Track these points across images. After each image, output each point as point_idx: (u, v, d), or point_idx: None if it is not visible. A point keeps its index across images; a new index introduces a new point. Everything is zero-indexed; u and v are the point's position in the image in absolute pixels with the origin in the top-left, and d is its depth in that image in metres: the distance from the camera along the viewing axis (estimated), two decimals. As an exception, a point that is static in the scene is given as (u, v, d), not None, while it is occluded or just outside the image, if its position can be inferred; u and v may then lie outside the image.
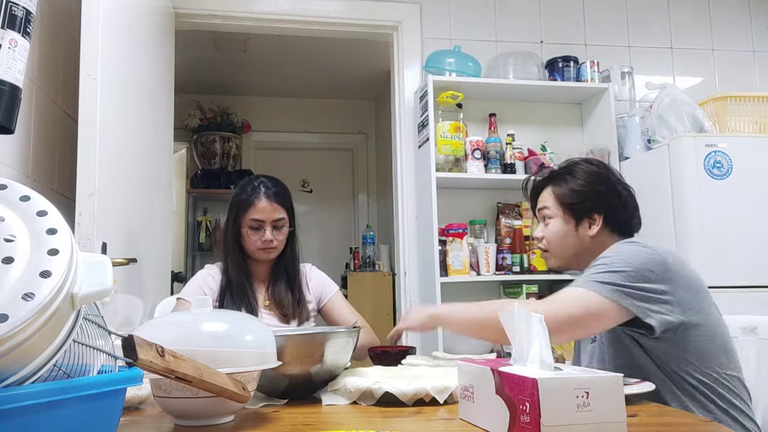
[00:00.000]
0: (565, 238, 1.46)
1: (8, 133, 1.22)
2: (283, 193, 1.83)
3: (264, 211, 1.76)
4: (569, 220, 1.45)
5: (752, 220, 2.45)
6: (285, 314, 1.78)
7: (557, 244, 1.48)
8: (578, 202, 1.44)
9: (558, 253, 1.49)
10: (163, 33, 2.55)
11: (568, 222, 1.45)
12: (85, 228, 1.68)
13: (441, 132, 2.64)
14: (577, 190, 1.45)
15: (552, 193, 1.49)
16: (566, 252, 1.48)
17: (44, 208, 0.64)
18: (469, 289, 2.76)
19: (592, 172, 1.47)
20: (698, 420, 0.96)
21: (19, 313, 0.54)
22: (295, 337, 1.14)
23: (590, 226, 1.44)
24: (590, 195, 1.44)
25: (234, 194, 1.85)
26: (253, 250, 1.78)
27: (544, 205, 1.50)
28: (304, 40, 3.39)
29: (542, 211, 1.50)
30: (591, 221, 1.44)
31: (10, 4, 1.17)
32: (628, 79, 2.97)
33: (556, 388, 0.76)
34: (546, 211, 1.49)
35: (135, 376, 0.67)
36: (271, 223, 1.76)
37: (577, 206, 1.44)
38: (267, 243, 1.75)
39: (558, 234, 1.47)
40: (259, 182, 1.81)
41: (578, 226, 1.45)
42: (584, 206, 1.44)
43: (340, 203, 5.22)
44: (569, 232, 1.46)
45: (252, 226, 1.76)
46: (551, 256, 1.51)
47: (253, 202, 1.76)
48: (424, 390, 1.04)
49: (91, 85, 1.72)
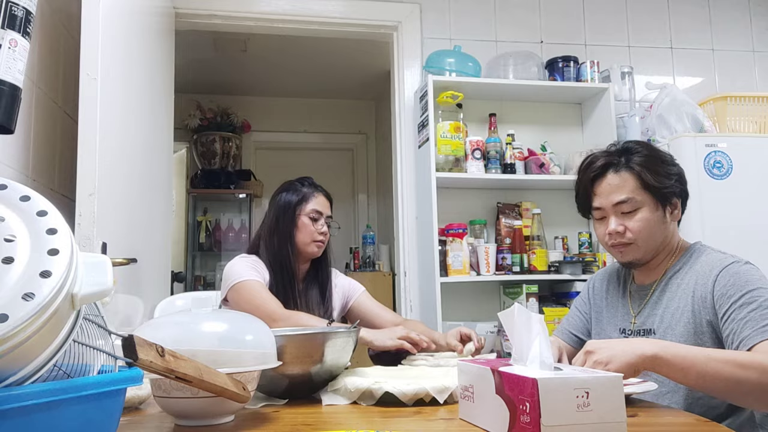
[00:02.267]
0: (657, 227, 1.32)
1: (8, 133, 1.22)
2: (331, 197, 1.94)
3: (324, 204, 1.87)
4: (658, 206, 1.32)
5: (752, 220, 2.45)
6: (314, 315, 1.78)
7: (647, 235, 1.32)
8: (663, 186, 1.31)
9: (647, 245, 1.33)
10: (163, 33, 2.55)
11: (657, 209, 1.32)
12: (85, 228, 1.68)
13: (441, 132, 2.64)
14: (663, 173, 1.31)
15: (634, 177, 1.32)
16: (654, 243, 1.33)
17: (44, 208, 0.64)
18: (469, 290, 2.77)
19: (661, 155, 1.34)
20: (698, 420, 0.96)
21: (19, 313, 0.54)
22: (295, 337, 1.14)
23: (672, 212, 1.34)
24: (676, 177, 1.33)
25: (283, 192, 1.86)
26: (307, 243, 1.81)
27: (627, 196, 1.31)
28: (304, 40, 3.38)
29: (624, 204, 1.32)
30: (673, 207, 1.33)
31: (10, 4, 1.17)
32: (628, 79, 2.97)
33: (556, 388, 0.76)
34: (631, 201, 1.31)
35: (135, 376, 0.67)
36: (326, 217, 1.86)
37: (664, 191, 1.31)
38: (323, 234, 1.83)
39: (650, 224, 1.31)
40: (310, 182, 1.91)
41: (665, 213, 1.33)
42: (669, 191, 1.32)
43: (340, 203, 5.21)
44: (659, 221, 1.32)
45: (313, 216, 1.82)
46: (634, 250, 1.34)
47: (315, 194, 1.86)
48: (424, 390, 1.04)
49: (91, 85, 1.72)
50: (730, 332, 1.17)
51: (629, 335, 1.38)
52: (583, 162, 1.42)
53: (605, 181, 1.35)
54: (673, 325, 1.28)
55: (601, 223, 1.38)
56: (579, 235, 2.84)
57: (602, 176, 1.35)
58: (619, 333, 1.41)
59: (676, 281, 1.33)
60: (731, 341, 1.17)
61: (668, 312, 1.31)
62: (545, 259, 2.71)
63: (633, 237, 1.32)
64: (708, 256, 1.31)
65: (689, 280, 1.30)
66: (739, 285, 1.20)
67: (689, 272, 1.31)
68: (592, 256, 2.77)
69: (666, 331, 1.29)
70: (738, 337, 1.15)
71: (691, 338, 1.24)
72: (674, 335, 1.27)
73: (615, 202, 1.33)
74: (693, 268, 1.31)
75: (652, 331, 1.32)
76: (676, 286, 1.32)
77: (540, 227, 2.74)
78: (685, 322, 1.26)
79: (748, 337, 1.14)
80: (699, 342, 1.23)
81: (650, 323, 1.34)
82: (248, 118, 4.78)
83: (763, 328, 1.13)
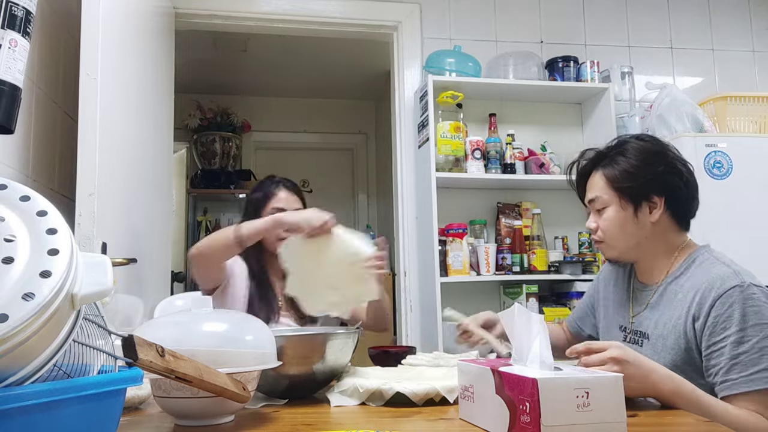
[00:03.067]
0: (624, 226, 1.32)
1: (8, 133, 1.22)
2: (299, 190, 1.90)
3: (286, 200, 1.82)
4: (626, 205, 1.31)
5: (752, 220, 2.45)
6: (302, 316, 1.77)
7: (615, 234, 1.34)
8: (634, 185, 1.30)
9: (616, 244, 1.35)
10: (163, 33, 2.55)
11: (625, 208, 1.31)
12: (85, 228, 1.68)
13: (441, 132, 2.64)
14: (631, 170, 1.30)
15: (603, 176, 1.34)
16: (626, 242, 1.34)
17: (44, 208, 0.64)
18: (469, 290, 2.76)
19: (646, 149, 1.33)
20: (698, 420, 0.96)
21: (19, 313, 0.54)
22: (295, 338, 1.14)
23: (651, 211, 1.31)
24: (647, 175, 1.30)
25: (250, 193, 1.89)
26: (273, 242, 1.76)
27: (595, 195, 1.35)
28: (304, 40, 3.39)
29: (594, 202, 1.36)
30: (651, 205, 1.31)
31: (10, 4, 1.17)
32: (628, 79, 2.97)
33: (556, 388, 0.76)
34: (599, 199, 1.34)
35: (135, 376, 0.67)
36: None
37: (633, 189, 1.30)
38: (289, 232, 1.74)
39: (615, 223, 1.33)
40: (276, 179, 1.88)
41: (637, 211, 1.31)
42: (642, 188, 1.30)
43: (340, 203, 5.21)
44: (628, 220, 1.31)
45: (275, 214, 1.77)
46: (608, 248, 1.36)
47: (275, 192, 1.83)
48: (435, 390, 1.04)
49: (91, 85, 1.72)
50: (716, 366, 1.15)
51: (628, 334, 1.37)
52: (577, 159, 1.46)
53: (590, 180, 1.39)
54: (666, 335, 1.25)
55: None
56: (579, 235, 2.84)
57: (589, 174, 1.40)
58: (619, 330, 1.40)
59: (675, 288, 1.29)
60: (713, 374, 1.15)
61: (662, 319, 1.28)
62: (545, 259, 2.71)
63: (602, 235, 1.36)
64: (712, 268, 1.25)
65: (688, 291, 1.25)
66: (736, 318, 1.14)
67: (689, 282, 1.27)
68: (592, 256, 2.77)
69: (658, 339, 1.27)
70: (723, 377, 1.13)
71: (681, 353, 1.21)
72: (665, 346, 1.25)
73: (588, 200, 1.39)
74: (694, 278, 1.26)
75: (646, 335, 1.31)
76: (674, 293, 1.28)
77: (540, 227, 2.74)
78: (676, 336, 1.23)
79: (734, 382, 1.12)
80: (689, 358, 1.21)
81: (645, 326, 1.32)
82: (248, 118, 4.78)
83: (750, 377, 1.10)
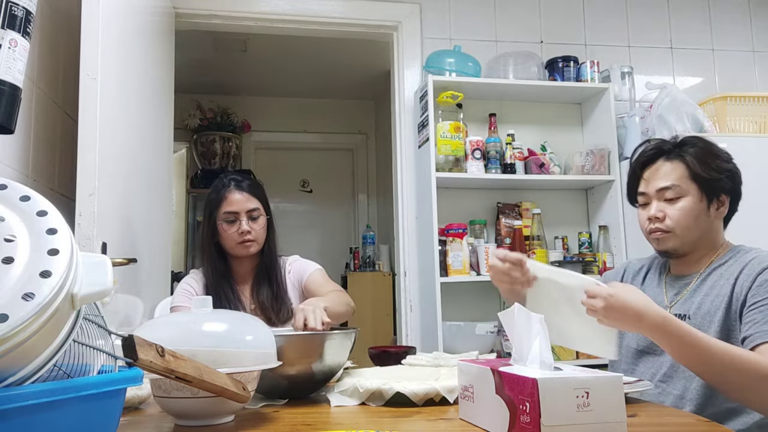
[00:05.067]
0: (698, 218, 1.32)
1: (8, 133, 1.22)
2: (254, 184, 1.82)
3: (237, 202, 1.74)
4: (703, 198, 1.32)
5: (752, 220, 2.44)
6: (269, 317, 1.74)
7: (687, 224, 1.32)
8: (714, 179, 1.31)
9: (684, 234, 1.32)
10: (163, 33, 2.55)
11: (702, 200, 1.32)
12: (85, 228, 1.68)
13: (441, 132, 2.64)
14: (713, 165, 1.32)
15: (682, 165, 1.33)
16: (693, 234, 1.33)
17: (44, 208, 0.64)
18: (469, 290, 2.76)
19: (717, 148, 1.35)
20: (698, 420, 0.96)
21: (19, 313, 0.54)
22: (293, 338, 1.14)
23: (718, 207, 1.33)
24: (723, 172, 1.32)
25: (207, 196, 1.85)
26: (233, 246, 1.75)
27: (672, 183, 1.33)
28: (304, 40, 3.38)
29: (668, 191, 1.33)
30: (719, 203, 1.33)
31: (10, 4, 1.17)
32: (628, 79, 2.97)
33: (556, 388, 0.76)
34: (675, 188, 1.32)
35: (135, 376, 0.67)
36: (245, 213, 1.74)
37: (712, 183, 1.31)
38: (244, 234, 1.72)
39: (690, 213, 1.31)
40: (229, 179, 1.81)
41: (710, 206, 1.32)
42: (718, 185, 1.32)
43: (340, 203, 5.21)
44: (702, 212, 1.32)
45: (227, 219, 1.73)
46: (672, 237, 1.33)
47: (225, 195, 1.76)
48: (435, 390, 1.04)
49: (91, 85, 1.72)
50: (753, 320, 1.19)
51: None
52: (636, 148, 1.44)
53: (654, 167, 1.36)
54: (712, 312, 1.27)
55: (644, 209, 1.39)
56: (579, 235, 2.84)
57: (652, 162, 1.38)
58: None
59: (719, 272, 1.32)
60: (749, 326, 1.19)
61: (707, 300, 1.30)
62: (545, 259, 2.70)
63: (671, 225, 1.32)
64: (760, 252, 1.31)
65: (734, 270, 1.29)
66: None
67: (734, 264, 1.31)
68: (592, 256, 2.77)
69: (704, 318, 1.28)
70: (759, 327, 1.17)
71: (723, 324, 1.25)
72: (711, 322, 1.27)
73: (659, 187, 1.34)
74: (740, 260, 1.31)
75: (686, 316, 1.31)
76: (719, 276, 1.32)
77: (540, 227, 2.74)
78: (723, 310, 1.26)
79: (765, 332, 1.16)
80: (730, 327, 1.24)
81: (686, 309, 1.33)
82: (248, 118, 4.78)
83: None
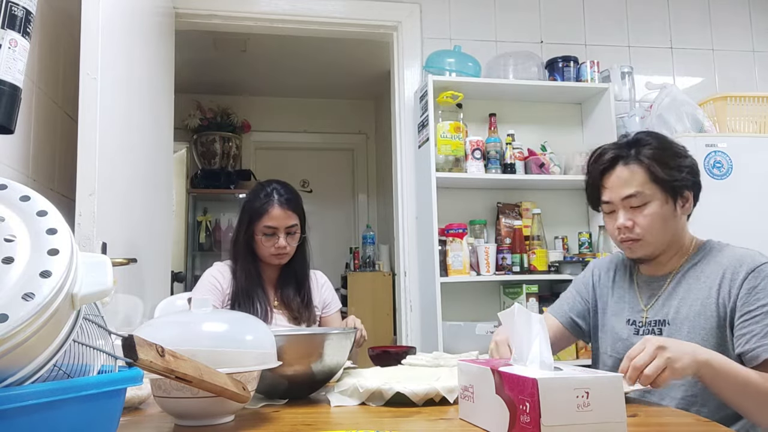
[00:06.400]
0: (667, 221, 1.28)
1: (8, 133, 1.22)
2: (296, 200, 1.84)
3: (278, 218, 1.77)
4: (668, 200, 1.28)
5: (752, 220, 2.45)
6: (295, 316, 1.81)
7: (658, 229, 1.29)
8: (674, 178, 1.27)
9: (655, 240, 1.30)
10: (163, 33, 2.55)
11: (667, 202, 1.28)
12: (85, 228, 1.68)
13: (441, 132, 2.64)
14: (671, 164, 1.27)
15: (641, 170, 1.28)
16: (664, 238, 1.30)
17: (44, 208, 0.64)
18: (469, 290, 2.76)
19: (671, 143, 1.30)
20: (698, 420, 0.96)
21: (19, 313, 0.54)
22: (293, 338, 1.14)
23: (684, 204, 1.30)
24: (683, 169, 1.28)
25: (246, 200, 1.86)
26: (266, 256, 1.81)
27: (635, 190, 1.28)
28: (304, 40, 3.38)
29: (633, 198, 1.29)
30: (683, 200, 1.29)
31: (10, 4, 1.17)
32: (628, 79, 2.97)
33: (556, 388, 0.76)
34: (640, 195, 1.28)
35: (135, 376, 0.67)
36: (284, 229, 1.78)
37: (674, 182, 1.27)
38: (280, 249, 1.78)
39: (659, 218, 1.28)
40: (272, 189, 1.82)
41: (676, 205, 1.28)
42: (680, 182, 1.27)
43: (340, 203, 5.21)
44: (669, 215, 1.28)
45: (266, 233, 1.78)
46: (645, 245, 1.31)
47: (267, 209, 1.78)
48: (435, 390, 1.05)
49: (91, 85, 1.72)
50: (750, 332, 1.17)
51: (640, 327, 1.35)
52: (592, 154, 1.39)
53: (614, 174, 1.32)
54: (692, 317, 1.26)
55: (611, 218, 1.36)
56: (579, 235, 2.84)
57: (611, 169, 1.33)
58: (628, 325, 1.37)
59: (695, 273, 1.31)
60: (746, 340, 1.17)
61: (686, 303, 1.28)
62: (545, 259, 2.71)
63: (641, 232, 1.30)
64: (734, 250, 1.29)
65: (714, 272, 1.27)
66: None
67: (712, 264, 1.29)
68: (592, 256, 2.77)
69: (683, 322, 1.27)
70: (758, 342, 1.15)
71: (713, 331, 1.23)
72: (693, 327, 1.25)
73: (624, 196, 1.30)
74: (717, 260, 1.29)
75: (665, 322, 1.30)
76: (695, 278, 1.30)
77: (540, 227, 2.74)
78: (707, 316, 1.25)
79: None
80: (721, 335, 1.23)
81: (663, 314, 1.31)
82: (248, 118, 4.78)
83: None
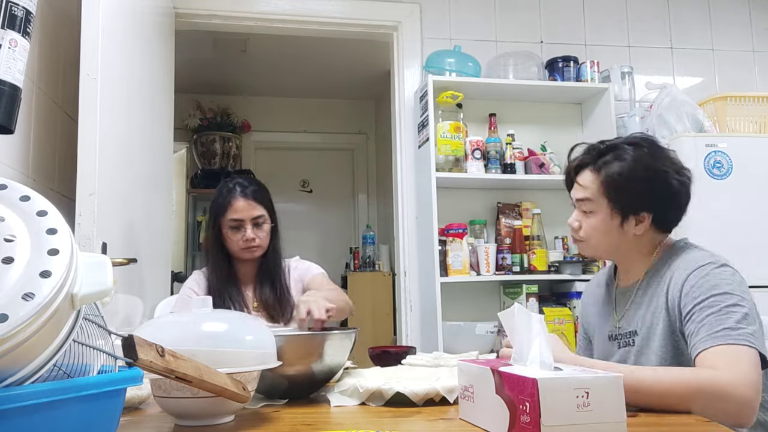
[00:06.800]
0: (607, 234, 1.32)
1: (8, 133, 1.22)
2: (260, 191, 1.82)
3: (242, 209, 1.76)
4: (615, 216, 1.30)
5: (752, 220, 2.45)
6: (271, 315, 1.78)
7: (596, 239, 1.34)
8: (627, 198, 1.28)
9: (596, 246, 1.36)
10: (163, 33, 2.55)
11: (613, 218, 1.30)
12: (85, 228, 1.68)
13: (441, 132, 2.64)
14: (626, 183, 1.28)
15: (597, 180, 1.31)
16: (605, 246, 1.35)
17: (44, 208, 0.64)
18: (469, 290, 2.76)
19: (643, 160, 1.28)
20: (698, 420, 0.96)
21: (19, 313, 0.54)
22: (293, 338, 1.14)
23: (637, 224, 1.30)
24: (641, 191, 1.28)
25: (212, 199, 1.86)
26: (236, 251, 1.78)
27: (585, 197, 1.32)
28: (304, 40, 3.38)
29: (582, 203, 1.33)
30: (638, 219, 1.29)
31: (10, 4, 1.17)
32: (628, 79, 2.97)
33: (556, 388, 0.76)
34: (587, 203, 1.32)
35: (135, 376, 0.67)
36: (250, 221, 1.76)
37: (625, 202, 1.28)
38: (249, 242, 1.75)
39: (600, 230, 1.32)
40: (234, 183, 1.82)
41: (624, 223, 1.30)
42: (634, 203, 1.28)
43: (340, 203, 5.21)
44: (612, 230, 1.31)
45: (232, 226, 1.76)
46: (586, 248, 1.37)
47: (230, 202, 1.77)
48: (435, 390, 1.04)
49: (91, 85, 1.72)
50: (689, 333, 1.18)
51: (617, 339, 1.37)
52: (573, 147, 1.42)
53: (582, 174, 1.35)
54: (654, 324, 1.27)
55: None
56: (579, 235, 2.84)
57: (583, 168, 1.36)
58: (609, 340, 1.39)
59: (656, 280, 1.31)
60: (689, 342, 1.17)
61: (649, 312, 1.29)
62: (545, 259, 2.71)
63: (584, 236, 1.35)
64: (689, 254, 1.28)
65: (666, 277, 1.27)
66: (706, 287, 1.17)
67: (665, 269, 1.29)
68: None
69: (649, 331, 1.28)
70: (693, 340, 1.15)
71: (668, 337, 1.24)
72: (655, 335, 1.26)
73: (577, 198, 1.36)
74: (671, 265, 1.29)
75: (635, 332, 1.31)
76: (656, 285, 1.30)
77: (540, 227, 2.74)
78: (662, 321, 1.25)
79: (700, 341, 1.13)
80: (676, 340, 1.23)
81: (633, 325, 1.32)
82: (248, 118, 4.78)
83: (714, 334, 1.11)
